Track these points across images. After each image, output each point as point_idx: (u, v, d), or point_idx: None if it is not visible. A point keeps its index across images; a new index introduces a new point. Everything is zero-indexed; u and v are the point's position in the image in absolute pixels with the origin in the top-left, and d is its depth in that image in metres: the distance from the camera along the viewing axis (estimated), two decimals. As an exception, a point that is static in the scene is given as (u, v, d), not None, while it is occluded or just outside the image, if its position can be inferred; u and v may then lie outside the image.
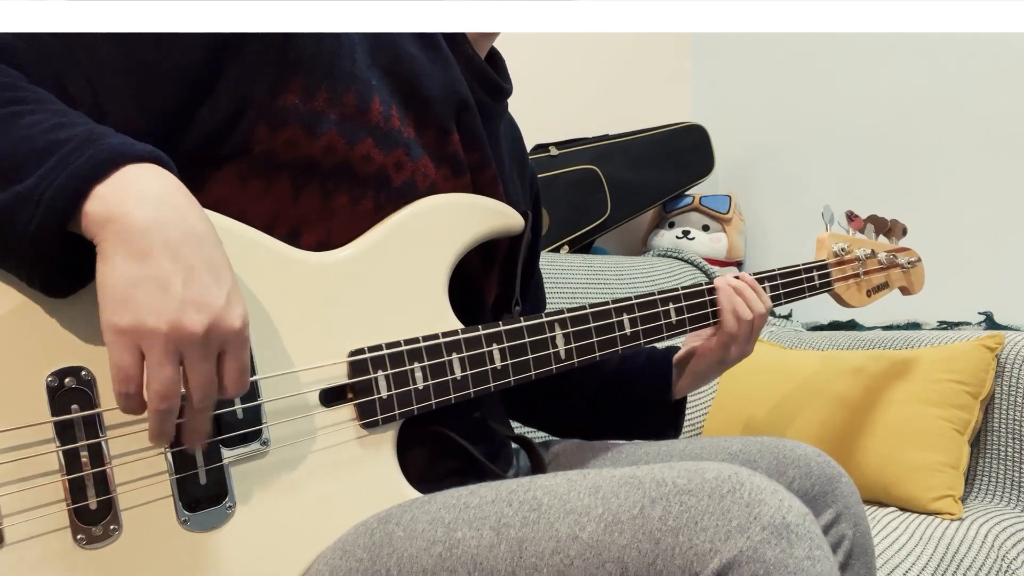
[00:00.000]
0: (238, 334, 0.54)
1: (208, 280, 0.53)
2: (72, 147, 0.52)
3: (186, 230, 0.53)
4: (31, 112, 0.55)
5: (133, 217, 0.51)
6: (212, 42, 0.65)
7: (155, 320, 0.50)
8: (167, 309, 0.50)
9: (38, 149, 0.52)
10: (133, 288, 0.50)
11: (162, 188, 0.54)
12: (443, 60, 0.78)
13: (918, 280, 1.27)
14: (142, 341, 0.50)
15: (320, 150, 0.68)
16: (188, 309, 0.51)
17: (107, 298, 0.50)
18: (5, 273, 0.55)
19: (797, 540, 0.51)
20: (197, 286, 0.52)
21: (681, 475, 0.54)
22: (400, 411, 0.69)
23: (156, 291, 0.50)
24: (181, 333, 0.51)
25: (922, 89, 1.80)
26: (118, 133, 0.56)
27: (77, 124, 0.55)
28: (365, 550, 0.62)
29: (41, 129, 0.53)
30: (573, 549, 0.54)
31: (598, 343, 0.83)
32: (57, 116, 0.55)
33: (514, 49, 1.12)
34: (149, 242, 0.51)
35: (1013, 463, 1.33)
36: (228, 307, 0.53)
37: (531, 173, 1.01)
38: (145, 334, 0.50)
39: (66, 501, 0.54)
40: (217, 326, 0.52)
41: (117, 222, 0.51)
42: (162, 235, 0.51)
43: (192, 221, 0.54)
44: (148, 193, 0.52)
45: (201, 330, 0.51)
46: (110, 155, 0.52)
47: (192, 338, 0.51)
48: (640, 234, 2.18)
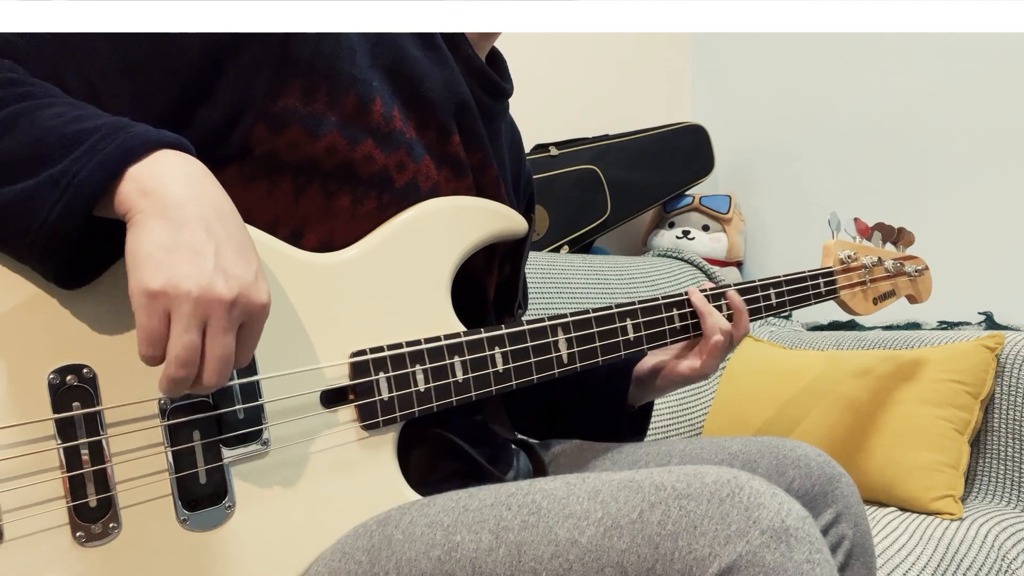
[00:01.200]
0: (263, 308, 0.55)
1: (237, 255, 0.54)
2: (102, 135, 0.54)
3: (218, 208, 0.55)
4: (50, 105, 0.56)
5: (169, 191, 0.53)
6: (211, 42, 0.65)
7: (187, 283, 0.51)
8: (200, 274, 0.52)
9: (66, 136, 0.53)
10: (167, 253, 0.51)
11: (193, 170, 0.56)
12: (443, 61, 0.78)
13: (925, 289, 1.26)
14: (172, 304, 0.51)
15: (321, 151, 0.68)
16: (219, 277, 0.52)
17: (141, 262, 0.51)
18: (7, 271, 0.55)
19: (797, 544, 0.51)
20: (228, 259, 0.53)
21: (680, 479, 0.54)
22: (401, 413, 0.69)
23: (190, 257, 0.52)
24: (211, 298, 0.52)
25: (922, 89, 1.80)
26: (140, 123, 0.57)
27: (99, 115, 0.56)
28: (364, 552, 0.62)
29: (65, 119, 0.55)
30: (572, 553, 0.54)
31: (601, 347, 0.83)
32: (77, 108, 0.57)
33: (514, 49, 1.12)
34: (184, 213, 0.53)
35: (1013, 463, 1.33)
36: (256, 282, 0.55)
37: (527, 175, 1.01)
38: (176, 297, 0.51)
39: (66, 498, 0.55)
40: (246, 297, 0.54)
41: (153, 195, 0.52)
42: (196, 210, 0.53)
43: (222, 202, 0.56)
44: (181, 173, 0.54)
45: (230, 298, 0.52)
46: (142, 140, 0.54)
47: (221, 305, 0.52)
48: (640, 234, 2.18)
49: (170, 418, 0.59)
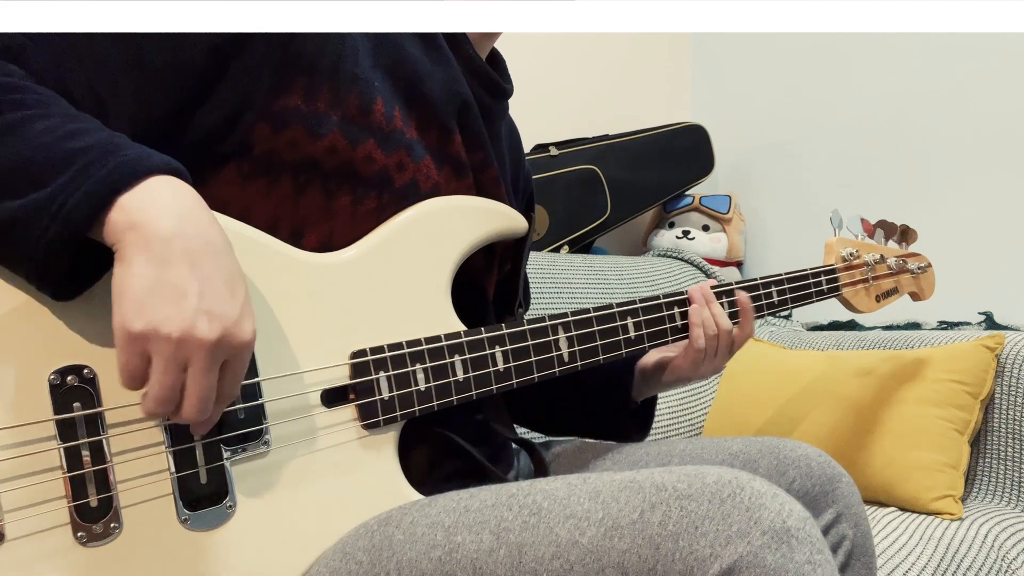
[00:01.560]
0: (246, 346, 0.55)
1: (224, 292, 0.54)
2: (93, 157, 0.53)
3: (206, 242, 0.54)
4: (42, 116, 0.55)
5: (156, 226, 0.52)
6: (214, 42, 0.64)
7: (169, 326, 0.51)
8: (182, 316, 0.51)
9: (56, 157, 0.52)
10: (150, 294, 0.51)
11: (184, 200, 0.55)
12: (444, 61, 0.78)
13: (928, 286, 1.26)
14: (151, 347, 0.51)
15: (322, 151, 0.68)
16: (201, 319, 0.52)
17: (124, 301, 0.51)
18: (7, 272, 0.55)
19: (798, 545, 0.51)
20: (212, 297, 0.53)
21: (681, 479, 0.54)
22: (402, 412, 0.69)
23: (173, 298, 0.51)
24: (192, 342, 0.52)
25: (922, 89, 1.80)
26: (133, 143, 0.56)
27: (92, 131, 0.55)
28: (365, 552, 0.62)
29: (56, 136, 0.53)
30: (573, 554, 0.54)
31: (602, 346, 0.83)
32: (69, 120, 0.55)
33: (514, 49, 1.12)
34: (170, 250, 0.52)
35: (1013, 463, 1.33)
36: (240, 320, 0.54)
37: (526, 175, 1.01)
38: (156, 339, 0.51)
39: (67, 498, 0.55)
40: (228, 338, 0.53)
41: (140, 229, 0.52)
42: (183, 245, 0.52)
43: (212, 234, 0.55)
44: (171, 204, 0.53)
45: (212, 340, 0.52)
46: (133, 167, 0.53)
47: (201, 348, 0.52)
48: (640, 234, 2.18)
49: (170, 418, 0.59)
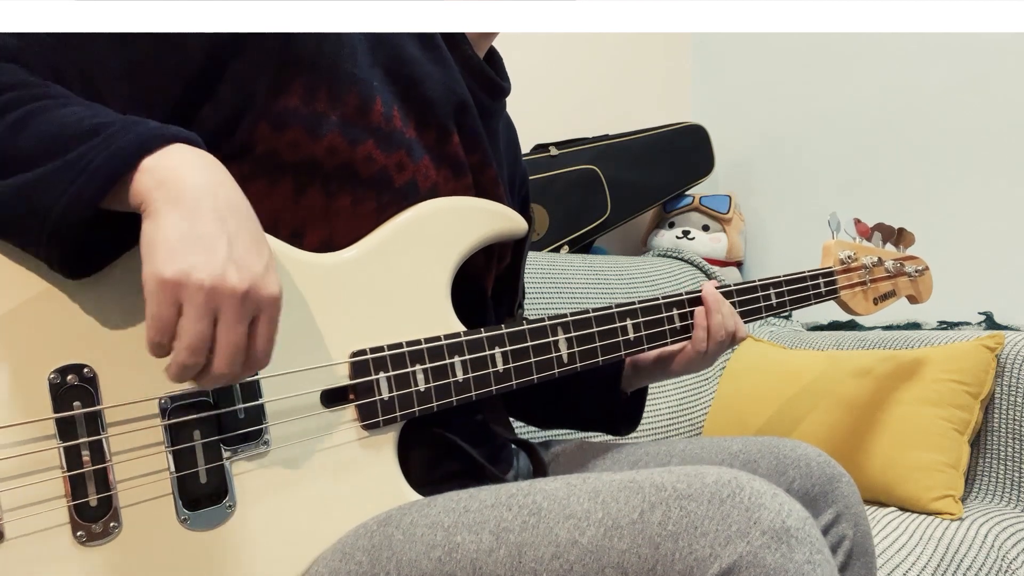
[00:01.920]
0: (274, 301, 0.55)
1: (250, 248, 0.55)
2: (117, 128, 0.54)
3: (231, 202, 0.55)
4: (65, 104, 0.57)
5: (184, 182, 0.53)
6: (213, 43, 0.65)
7: (200, 273, 0.51)
8: (213, 264, 0.52)
9: (83, 129, 0.54)
10: (182, 243, 0.52)
11: (208, 163, 0.56)
12: (442, 60, 0.78)
13: (926, 289, 1.26)
14: (183, 293, 0.51)
15: (322, 151, 0.68)
16: (231, 268, 0.53)
17: (155, 250, 0.51)
18: (9, 270, 0.55)
19: (797, 544, 0.51)
20: (240, 250, 0.54)
21: (681, 479, 0.54)
22: (401, 413, 0.69)
23: (203, 248, 0.52)
24: (223, 289, 0.52)
25: (922, 89, 1.80)
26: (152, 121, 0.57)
27: (113, 113, 0.57)
28: (364, 553, 0.62)
29: (82, 115, 0.55)
30: (572, 554, 0.54)
31: (601, 347, 0.83)
32: (92, 108, 0.57)
33: (514, 49, 1.12)
34: (199, 205, 0.53)
35: (1013, 463, 1.33)
36: (267, 274, 0.55)
37: (522, 175, 1.01)
38: (189, 286, 0.51)
39: (66, 498, 0.55)
40: (257, 289, 0.54)
41: (169, 185, 0.53)
42: (211, 202, 0.54)
43: (235, 196, 0.56)
44: (196, 165, 0.55)
45: (242, 289, 0.53)
46: (157, 133, 0.55)
47: (233, 296, 0.52)
48: (640, 234, 2.18)
49: (170, 417, 0.59)
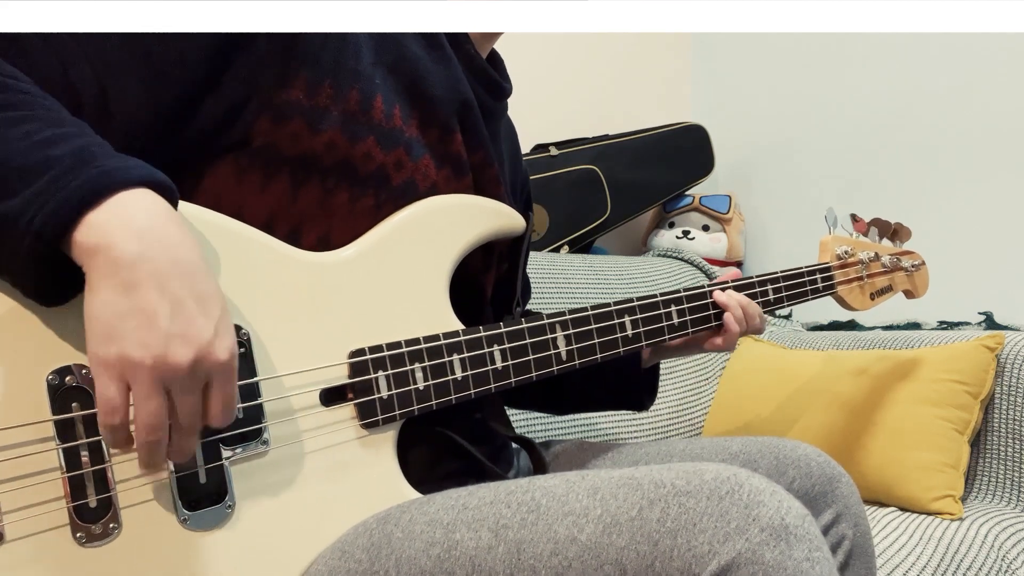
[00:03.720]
0: (224, 366, 0.53)
1: (195, 312, 0.52)
2: (65, 167, 0.51)
3: (174, 262, 0.52)
4: (24, 119, 0.53)
5: (120, 249, 0.50)
6: (220, 36, 0.64)
7: (140, 353, 0.50)
8: (153, 342, 0.50)
9: (28, 166, 0.51)
10: (119, 320, 0.50)
11: (153, 217, 0.53)
12: (446, 60, 0.78)
13: (922, 284, 1.26)
14: (127, 373, 0.50)
15: (322, 146, 0.68)
16: (174, 342, 0.51)
17: (93, 330, 0.50)
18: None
19: (796, 542, 0.51)
20: (183, 319, 0.51)
21: (680, 476, 0.54)
22: (400, 411, 0.69)
23: (142, 324, 0.50)
24: (166, 366, 0.50)
25: (922, 90, 1.80)
26: (111, 152, 0.55)
27: (71, 136, 0.54)
28: (364, 551, 0.62)
29: (33, 143, 0.52)
30: (571, 551, 0.54)
31: (600, 344, 0.83)
32: (49, 125, 0.54)
33: (514, 49, 1.12)
34: (136, 274, 0.50)
35: (1013, 463, 1.33)
36: (215, 339, 0.53)
37: (524, 175, 1.01)
38: (130, 367, 0.50)
39: (66, 499, 0.54)
40: (203, 359, 0.52)
41: (104, 253, 0.50)
42: (149, 267, 0.51)
43: (182, 252, 0.53)
44: (138, 223, 0.51)
45: (187, 363, 0.51)
46: (103, 181, 0.51)
47: (177, 371, 0.51)
48: (640, 234, 2.18)
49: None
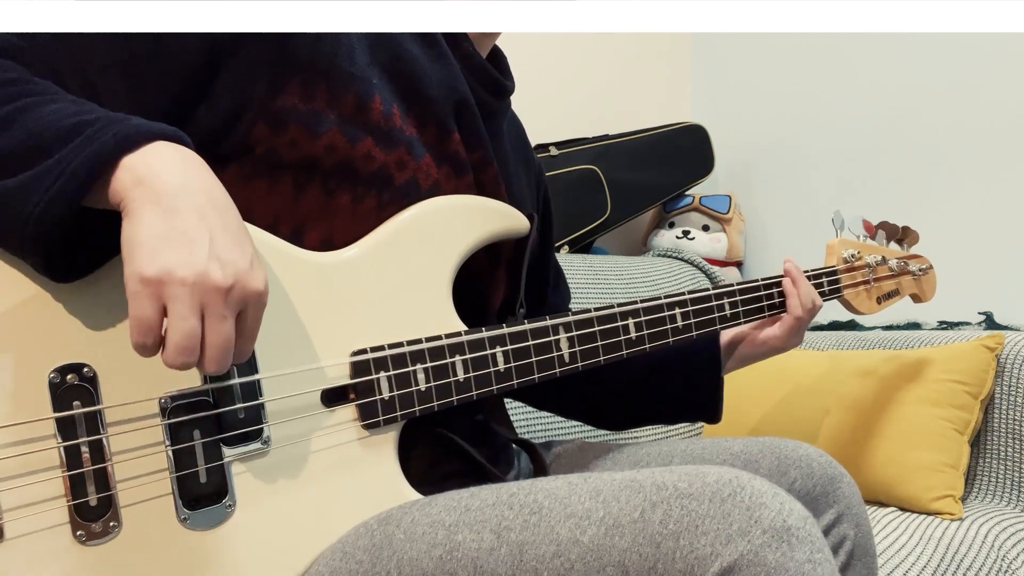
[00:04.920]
0: (260, 295, 0.55)
1: (233, 244, 0.54)
2: (99, 126, 0.54)
3: (212, 197, 0.55)
4: (50, 101, 0.56)
5: (163, 179, 0.53)
6: (210, 41, 0.65)
7: (183, 271, 0.51)
8: (195, 261, 0.51)
9: (63, 129, 0.54)
10: (162, 240, 0.51)
11: (188, 161, 0.56)
12: (443, 58, 0.78)
13: (930, 288, 1.25)
14: (167, 291, 0.51)
15: (321, 149, 0.68)
16: (214, 264, 0.52)
17: (136, 249, 0.51)
18: (7, 270, 0.55)
19: (798, 543, 0.51)
20: (223, 246, 0.53)
21: (682, 479, 0.54)
22: (402, 412, 0.69)
23: (185, 244, 0.51)
24: (207, 285, 0.51)
25: (922, 90, 1.80)
26: (139, 117, 0.57)
27: (99, 109, 0.57)
28: (365, 552, 0.61)
29: (64, 114, 0.55)
30: (574, 552, 0.54)
31: (603, 347, 0.82)
32: (77, 104, 0.57)
33: (514, 49, 1.12)
34: (178, 202, 0.52)
35: (1013, 463, 1.33)
36: (251, 269, 0.54)
37: (538, 171, 1.00)
38: (172, 283, 0.51)
39: (66, 497, 0.54)
40: (242, 284, 0.53)
41: (147, 184, 0.52)
42: (190, 198, 0.53)
43: (217, 191, 0.56)
44: (176, 162, 0.54)
45: (227, 285, 0.52)
46: (137, 130, 0.54)
47: (217, 292, 0.52)
48: (640, 234, 2.18)
49: (170, 417, 0.59)
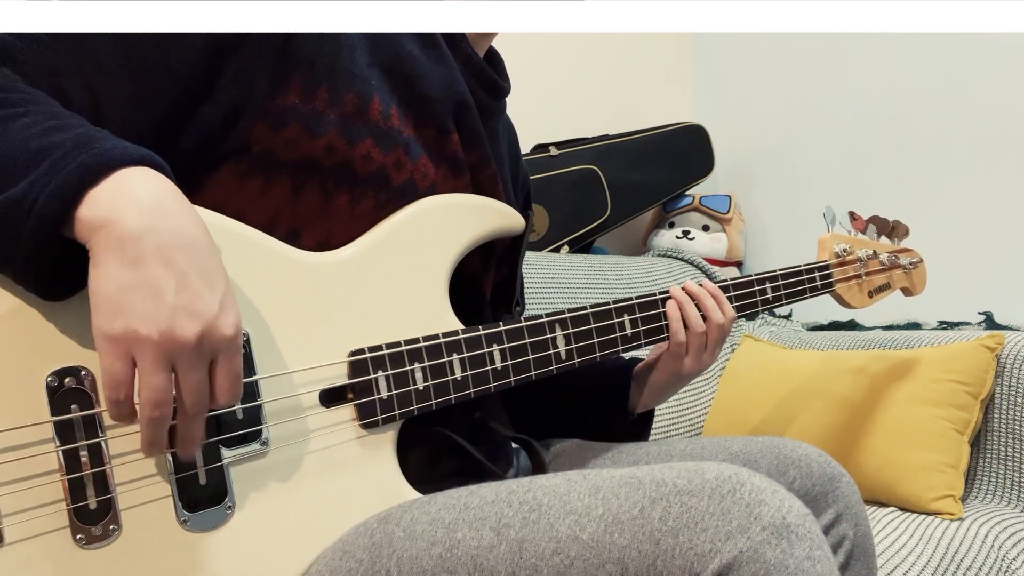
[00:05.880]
0: (230, 341, 0.53)
1: (201, 287, 0.52)
2: (65, 151, 0.51)
3: (179, 236, 0.52)
4: (23, 115, 0.54)
5: (125, 223, 0.50)
6: (211, 42, 0.64)
7: (147, 327, 0.49)
8: (159, 316, 0.50)
9: (30, 152, 0.51)
10: (125, 294, 0.49)
11: (156, 192, 0.53)
12: (442, 59, 0.78)
13: (920, 281, 1.26)
14: (133, 348, 0.50)
15: (320, 150, 0.68)
16: (180, 316, 0.50)
17: (99, 305, 0.50)
18: (1, 275, 0.55)
19: (797, 540, 0.51)
20: (189, 293, 0.51)
21: (681, 475, 0.54)
22: (400, 411, 0.69)
23: (148, 298, 0.50)
24: (173, 341, 0.50)
25: (922, 89, 1.80)
26: (112, 136, 0.55)
27: (71, 127, 0.54)
28: (365, 551, 0.61)
29: (33, 133, 0.52)
30: (573, 550, 0.53)
31: (599, 344, 0.83)
32: (50, 119, 0.54)
33: (514, 49, 1.12)
34: (141, 248, 0.50)
35: (1013, 463, 1.33)
36: (221, 314, 0.53)
37: (524, 173, 1.00)
38: (137, 341, 0.50)
39: (66, 501, 0.54)
40: (209, 333, 0.52)
41: (109, 228, 0.50)
42: (154, 241, 0.51)
43: (186, 227, 0.53)
44: (141, 198, 0.51)
45: (193, 337, 0.51)
46: (103, 159, 0.52)
47: (184, 346, 0.51)
48: (640, 234, 2.18)
49: None
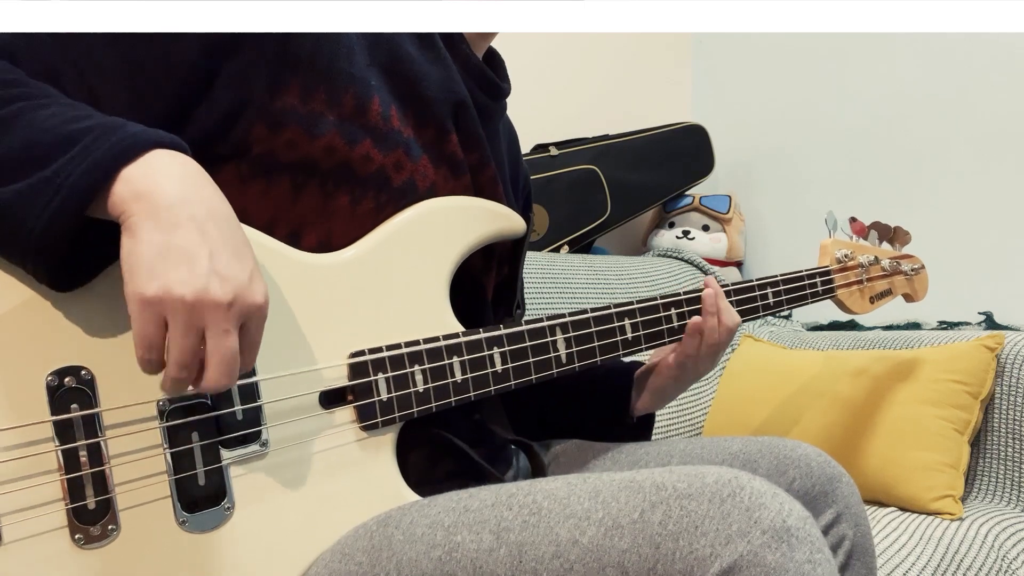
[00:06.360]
0: (260, 308, 0.55)
1: (233, 257, 0.54)
2: (96, 135, 0.53)
3: (212, 209, 0.54)
4: (46, 105, 0.56)
5: (162, 193, 0.52)
6: (210, 42, 0.64)
7: (182, 289, 0.51)
8: (194, 279, 0.51)
9: (61, 137, 0.53)
10: (161, 258, 0.51)
11: (187, 170, 0.55)
12: (441, 60, 0.78)
13: (922, 287, 1.27)
14: (167, 309, 0.51)
15: (320, 151, 0.68)
16: (214, 280, 0.52)
17: (135, 268, 0.51)
18: (6, 273, 0.55)
19: (798, 544, 0.51)
20: (222, 261, 0.53)
21: (681, 479, 0.54)
22: (400, 414, 0.69)
23: (183, 262, 0.51)
24: (206, 303, 0.52)
25: (922, 89, 1.80)
26: (137, 123, 0.56)
27: (95, 116, 0.56)
28: (364, 553, 0.61)
29: (61, 119, 0.54)
30: (573, 553, 0.53)
31: (599, 347, 0.82)
32: (73, 109, 0.56)
33: (514, 49, 1.12)
34: (177, 216, 0.52)
35: (1013, 463, 1.33)
36: (251, 283, 0.54)
37: (524, 174, 1.00)
38: (171, 302, 0.51)
39: (64, 501, 0.54)
40: (242, 298, 0.53)
41: (146, 198, 0.52)
42: (189, 211, 0.53)
43: (217, 202, 0.55)
44: (175, 173, 0.54)
45: (226, 300, 0.52)
46: (136, 140, 0.54)
47: (217, 308, 0.52)
48: (640, 234, 2.18)
49: (169, 419, 0.59)
